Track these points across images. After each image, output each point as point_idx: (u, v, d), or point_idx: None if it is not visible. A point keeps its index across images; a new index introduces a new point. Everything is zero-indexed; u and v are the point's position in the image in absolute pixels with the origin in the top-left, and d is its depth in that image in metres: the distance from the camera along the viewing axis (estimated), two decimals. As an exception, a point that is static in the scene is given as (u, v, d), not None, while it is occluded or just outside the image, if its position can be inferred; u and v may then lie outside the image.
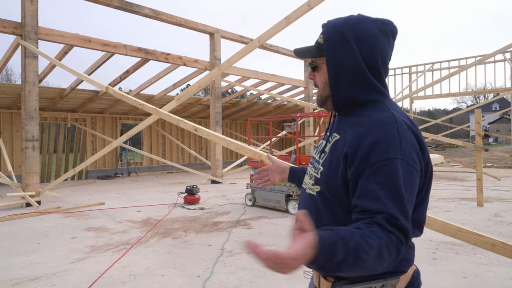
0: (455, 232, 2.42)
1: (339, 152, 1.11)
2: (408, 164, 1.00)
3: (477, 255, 4.24)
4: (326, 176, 1.14)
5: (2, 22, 7.81)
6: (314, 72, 1.26)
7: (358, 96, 1.14)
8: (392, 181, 0.98)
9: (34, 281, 3.69)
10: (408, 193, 0.99)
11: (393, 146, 1.00)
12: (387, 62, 1.17)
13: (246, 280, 3.63)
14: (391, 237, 0.92)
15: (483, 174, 7.45)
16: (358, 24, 1.14)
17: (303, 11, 4.82)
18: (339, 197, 1.10)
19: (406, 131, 1.05)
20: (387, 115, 1.08)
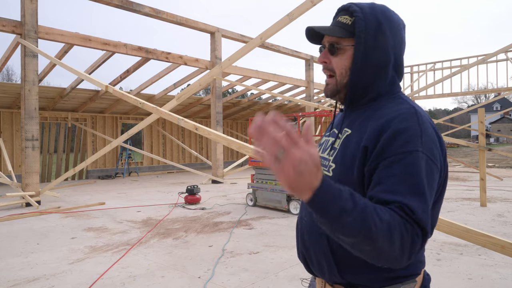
0: (463, 233, 2.36)
1: (353, 147, 1.03)
2: (428, 158, 0.94)
3: (482, 256, 4.18)
4: (339, 173, 1.06)
5: (1, 21, 7.76)
6: (333, 55, 1.11)
7: (379, 87, 1.09)
8: (412, 173, 0.90)
9: (33, 282, 3.64)
10: (429, 188, 0.92)
11: (413, 139, 0.94)
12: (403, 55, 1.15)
13: (248, 282, 3.58)
14: (406, 225, 0.83)
15: (486, 174, 7.39)
16: (388, 12, 1.09)
17: (306, 7, 4.76)
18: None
19: (427, 125, 0.99)
20: (408, 107, 1.02)
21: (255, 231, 5.60)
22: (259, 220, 6.32)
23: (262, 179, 7.43)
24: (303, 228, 1.16)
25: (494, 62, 16.36)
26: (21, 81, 8.09)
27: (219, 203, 8.04)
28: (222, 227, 5.88)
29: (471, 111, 53.84)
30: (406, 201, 0.86)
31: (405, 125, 0.96)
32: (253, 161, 7.54)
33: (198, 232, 5.56)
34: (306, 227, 1.13)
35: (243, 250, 4.61)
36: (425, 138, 0.95)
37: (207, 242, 5.02)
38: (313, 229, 1.09)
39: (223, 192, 9.87)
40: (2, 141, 11.75)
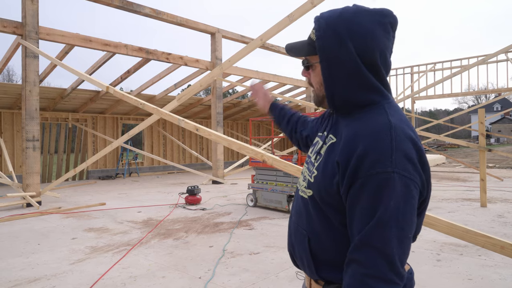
0: (463, 234, 2.36)
1: (333, 157, 1.04)
2: (401, 176, 0.91)
3: (482, 256, 4.18)
4: (319, 181, 1.07)
5: (2, 22, 7.78)
6: (308, 70, 1.17)
7: (355, 97, 1.06)
8: (378, 201, 0.90)
9: (34, 282, 3.65)
10: (401, 215, 0.91)
11: (383, 159, 0.91)
12: (387, 58, 1.07)
13: (248, 282, 3.59)
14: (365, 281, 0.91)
15: (486, 175, 7.39)
16: (353, 18, 1.04)
17: (306, 8, 4.77)
18: (333, 204, 1.03)
19: (403, 141, 0.95)
20: (383, 122, 0.98)
21: (256, 231, 5.61)
22: (259, 221, 6.33)
23: (262, 180, 7.43)
24: (291, 227, 1.23)
25: (495, 62, 16.37)
26: (22, 82, 8.10)
27: (219, 204, 8.05)
28: (223, 227, 5.89)
29: (471, 111, 53.82)
30: (358, 257, 0.92)
31: (374, 143, 0.94)
32: (254, 161, 7.54)
33: (198, 233, 5.57)
34: (293, 227, 1.20)
35: (243, 250, 4.62)
36: (396, 156, 0.92)
37: (207, 242, 5.03)
38: (298, 229, 1.17)
39: (223, 192, 9.88)
40: (3, 141, 11.76)
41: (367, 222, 0.91)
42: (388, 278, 0.89)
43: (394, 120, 0.99)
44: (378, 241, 0.89)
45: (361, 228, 0.92)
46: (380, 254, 0.89)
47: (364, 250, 0.91)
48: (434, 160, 18.99)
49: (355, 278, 0.91)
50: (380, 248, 0.89)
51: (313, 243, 1.10)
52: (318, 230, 1.09)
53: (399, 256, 0.90)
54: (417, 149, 0.97)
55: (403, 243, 0.91)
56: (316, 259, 1.10)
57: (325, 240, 1.07)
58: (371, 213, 0.91)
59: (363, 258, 0.91)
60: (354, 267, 0.92)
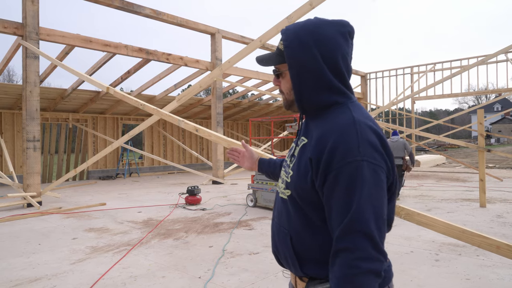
0: (459, 234, 2.39)
1: (306, 156, 1.12)
2: (369, 163, 1.01)
3: (480, 256, 4.20)
4: (295, 180, 1.15)
5: (3, 23, 7.81)
6: (279, 78, 1.26)
7: (322, 99, 1.15)
8: (352, 188, 0.99)
9: (35, 282, 3.67)
10: (373, 193, 1.00)
11: (351, 149, 1.01)
12: (349, 62, 1.17)
13: (248, 282, 3.61)
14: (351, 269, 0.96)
15: (485, 175, 7.41)
16: (316, 28, 1.14)
17: (305, 10, 4.80)
18: (311, 201, 1.11)
19: (367, 133, 1.05)
20: (347, 118, 1.09)
21: (255, 231, 5.63)
22: (259, 221, 6.35)
23: (262, 180, 7.46)
24: (274, 227, 1.30)
25: (494, 63, 16.39)
26: (22, 83, 8.13)
27: (219, 204, 8.07)
28: (223, 227, 5.92)
29: (471, 111, 53.79)
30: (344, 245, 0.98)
31: (342, 137, 1.04)
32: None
33: (198, 233, 5.59)
34: (276, 227, 1.27)
35: (243, 250, 4.64)
36: (362, 146, 1.02)
37: (207, 242, 5.05)
38: (280, 230, 1.23)
39: (223, 192, 9.90)
40: (4, 141, 11.79)
41: (346, 211, 0.99)
42: (375, 257, 0.97)
43: (357, 115, 1.09)
44: (359, 226, 0.97)
45: (341, 218, 0.99)
46: (363, 236, 0.97)
47: (348, 237, 0.98)
48: (434, 160, 19.00)
49: (344, 266, 0.97)
50: (361, 231, 0.97)
51: (295, 241, 1.16)
52: (298, 228, 1.15)
53: (379, 235, 0.99)
54: (380, 138, 1.07)
55: (379, 224, 1.00)
56: (299, 256, 1.16)
57: (306, 237, 1.14)
58: (348, 202, 0.99)
59: (349, 244, 0.97)
60: (343, 256, 0.98)
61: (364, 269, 0.95)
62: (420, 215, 2.47)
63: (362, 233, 0.96)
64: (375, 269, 0.96)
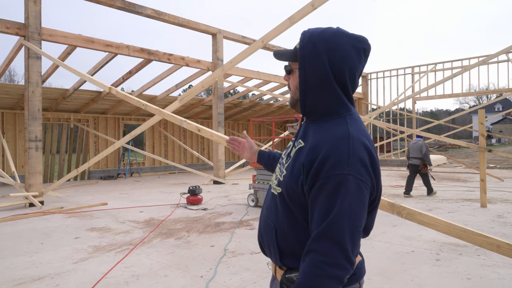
0: (460, 233, 2.40)
1: (300, 160, 1.18)
2: (355, 178, 1.07)
3: (481, 256, 4.22)
4: (287, 180, 1.21)
5: (5, 23, 7.84)
6: (289, 75, 1.33)
7: (322, 105, 1.20)
8: (334, 198, 1.06)
9: (38, 281, 3.70)
10: (354, 213, 1.06)
11: (341, 162, 1.07)
12: (356, 78, 1.22)
13: (249, 281, 3.63)
14: (319, 268, 1.04)
15: (486, 175, 7.42)
16: (332, 37, 1.19)
17: (306, 11, 4.82)
18: (297, 201, 1.18)
19: (359, 149, 1.11)
20: (343, 132, 1.14)
21: (257, 231, 5.64)
22: (260, 221, 6.37)
23: (263, 180, 7.48)
24: (261, 219, 1.38)
25: (495, 63, 16.38)
26: (24, 83, 8.16)
27: (220, 204, 8.09)
28: (224, 227, 5.94)
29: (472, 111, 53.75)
30: (316, 247, 1.06)
31: (335, 150, 1.10)
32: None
33: (200, 232, 5.61)
34: (263, 219, 1.36)
35: (244, 250, 4.66)
36: (352, 160, 1.08)
37: (209, 242, 5.07)
38: (267, 222, 1.31)
39: (224, 192, 9.92)
40: (5, 141, 11.83)
41: (325, 217, 1.06)
42: (341, 264, 1.04)
43: (353, 130, 1.15)
44: (333, 234, 1.04)
45: (320, 222, 1.07)
46: (335, 245, 1.04)
47: (322, 241, 1.05)
48: (435, 160, 18.99)
49: (313, 265, 1.05)
50: (335, 239, 1.04)
51: (279, 235, 1.25)
52: (284, 224, 1.23)
53: (351, 246, 1.06)
54: (370, 156, 1.13)
55: (354, 236, 1.07)
56: (280, 248, 1.25)
57: (289, 233, 1.22)
58: (328, 209, 1.06)
59: (321, 247, 1.05)
60: (313, 256, 1.06)
61: (328, 272, 1.03)
62: (422, 214, 2.49)
63: (334, 241, 1.04)
64: (339, 275, 1.04)
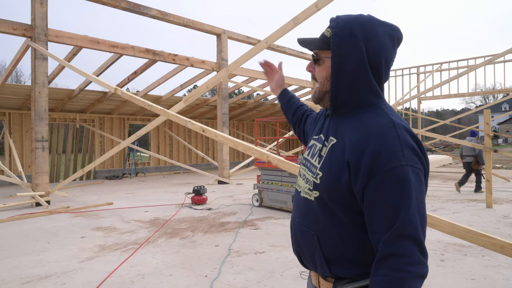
0: (463, 234, 2.41)
1: (339, 157, 1.10)
2: (413, 168, 1.01)
3: (486, 257, 4.20)
4: (326, 181, 1.12)
5: (12, 24, 7.93)
6: (315, 64, 1.23)
7: (358, 96, 1.13)
8: (400, 193, 0.99)
9: (45, 279, 3.75)
10: (420, 203, 1.01)
11: (396, 154, 1.01)
12: (390, 67, 1.16)
13: (254, 280, 3.65)
14: (398, 275, 0.97)
15: (492, 175, 7.38)
16: (368, 23, 1.13)
17: (310, 12, 4.83)
18: (343, 202, 1.10)
19: (406, 136, 1.05)
20: (386, 121, 1.08)
21: (261, 231, 5.67)
22: (264, 221, 6.39)
23: (268, 180, 7.49)
24: (296, 228, 1.26)
25: (502, 62, 16.26)
26: (31, 83, 8.24)
27: (225, 204, 8.12)
28: (228, 227, 5.96)
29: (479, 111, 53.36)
30: (395, 249, 0.98)
31: (385, 141, 1.03)
32: (259, 162, 7.60)
33: (204, 232, 5.64)
34: (299, 228, 1.24)
35: (249, 249, 4.69)
36: (406, 150, 1.02)
37: (213, 241, 5.10)
38: (305, 231, 1.21)
39: (229, 192, 9.95)
40: (12, 141, 11.95)
41: (395, 215, 0.98)
42: (422, 261, 0.98)
43: (395, 118, 1.09)
44: (409, 231, 0.98)
45: (389, 221, 0.99)
46: (412, 242, 0.98)
47: (399, 241, 0.98)
48: (441, 160, 18.90)
49: (396, 270, 0.97)
50: (411, 236, 0.98)
51: (323, 242, 1.15)
52: (327, 230, 1.14)
53: (424, 239, 1.01)
54: (417, 142, 1.06)
55: (424, 227, 1.03)
56: (327, 257, 1.15)
57: (335, 238, 1.13)
58: (396, 206, 0.99)
59: (400, 249, 0.97)
60: (393, 260, 0.97)
61: (413, 273, 0.96)
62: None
63: (411, 238, 0.97)
64: (422, 272, 0.98)
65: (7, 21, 7.87)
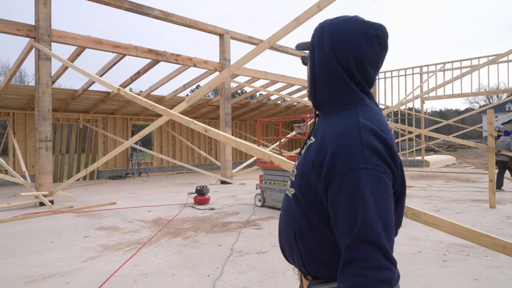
0: (466, 234, 2.40)
1: (309, 157, 1.11)
2: (374, 171, 0.98)
3: (489, 257, 4.19)
4: (299, 179, 1.14)
5: (16, 25, 7.97)
6: (306, 66, 1.29)
7: (330, 96, 1.14)
8: (358, 197, 0.97)
9: (48, 279, 3.77)
10: (377, 201, 0.97)
11: (355, 156, 0.98)
12: (365, 66, 1.12)
13: (256, 280, 3.66)
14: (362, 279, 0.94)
15: (495, 176, 7.35)
16: (340, 23, 1.14)
17: (313, 12, 4.83)
18: (312, 203, 1.10)
19: (370, 138, 1.01)
20: (352, 122, 1.05)
21: (263, 231, 5.67)
22: (267, 221, 6.40)
23: (270, 180, 7.50)
24: (280, 224, 1.31)
25: (505, 62, 16.19)
26: (35, 84, 8.28)
27: (228, 204, 8.13)
28: (231, 227, 5.97)
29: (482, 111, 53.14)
30: (355, 254, 0.96)
31: (346, 143, 1.01)
32: (262, 162, 7.61)
33: (207, 232, 5.65)
34: (282, 224, 1.28)
35: (251, 249, 4.69)
36: (367, 152, 0.99)
37: (216, 241, 5.11)
38: (286, 227, 1.24)
39: (231, 192, 9.96)
40: (16, 142, 12.01)
41: (353, 219, 0.96)
42: (385, 266, 0.95)
43: (363, 119, 1.05)
44: (368, 235, 0.95)
45: (349, 225, 0.97)
46: (373, 246, 0.94)
47: (358, 247, 0.95)
48: (444, 160, 18.84)
49: (356, 275, 0.94)
50: (371, 241, 0.94)
51: (299, 239, 1.16)
52: (302, 227, 1.15)
53: (388, 243, 0.97)
54: (385, 144, 1.02)
55: (389, 232, 0.98)
56: (303, 255, 1.16)
57: (308, 236, 1.14)
58: (354, 210, 0.97)
59: (359, 254, 0.95)
60: (354, 265, 0.95)
61: (376, 278, 0.93)
62: (427, 215, 2.49)
63: (371, 242, 0.94)
64: (386, 278, 0.94)
65: (11, 22, 7.92)
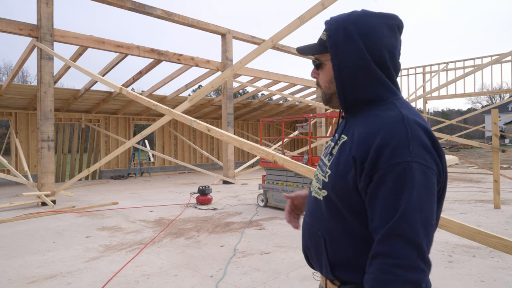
0: (474, 235, 2.36)
1: (347, 154, 1.06)
2: (420, 165, 0.94)
3: (495, 258, 4.15)
4: (334, 180, 1.08)
5: (18, 25, 7.96)
6: (318, 70, 1.22)
7: (365, 93, 1.10)
8: (400, 190, 0.92)
9: (50, 279, 3.74)
10: (424, 204, 0.93)
11: (401, 149, 0.94)
12: (396, 57, 1.11)
13: (259, 281, 3.62)
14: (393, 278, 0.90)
15: (500, 176, 7.30)
16: (361, 18, 1.10)
17: (317, 10, 4.79)
18: (349, 202, 1.05)
19: (417, 131, 0.98)
20: (395, 114, 1.02)
21: (266, 231, 5.64)
22: (270, 221, 6.36)
23: (273, 180, 7.46)
24: (305, 228, 1.24)
25: (509, 62, 16.10)
26: (37, 84, 8.27)
27: (230, 204, 8.10)
28: (234, 227, 5.94)
29: (485, 111, 52.99)
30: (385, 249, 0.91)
31: (391, 135, 0.97)
32: (264, 162, 7.58)
33: (210, 232, 5.62)
34: (307, 228, 1.21)
35: (254, 250, 4.66)
36: (413, 146, 0.95)
37: (218, 242, 5.08)
38: (313, 231, 1.17)
39: (234, 192, 9.93)
40: (18, 141, 12.01)
41: (392, 212, 0.92)
42: (417, 266, 0.89)
43: (406, 112, 1.03)
44: (404, 230, 0.90)
45: (385, 219, 0.93)
46: (408, 243, 0.89)
47: (391, 241, 0.91)
48: (447, 161, 18.71)
49: (382, 270, 0.90)
50: (407, 237, 0.90)
51: (329, 244, 1.11)
52: (333, 231, 1.10)
53: (426, 243, 0.92)
54: (431, 138, 0.99)
55: (428, 230, 0.92)
56: (332, 260, 1.11)
57: (341, 241, 1.09)
58: (394, 203, 0.92)
59: (390, 249, 0.90)
60: (380, 260, 0.91)
61: (403, 277, 0.88)
62: (434, 215, 2.45)
63: (406, 238, 0.89)
64: (415, 279, 0.88)
65: (13, 22, 7.91)
